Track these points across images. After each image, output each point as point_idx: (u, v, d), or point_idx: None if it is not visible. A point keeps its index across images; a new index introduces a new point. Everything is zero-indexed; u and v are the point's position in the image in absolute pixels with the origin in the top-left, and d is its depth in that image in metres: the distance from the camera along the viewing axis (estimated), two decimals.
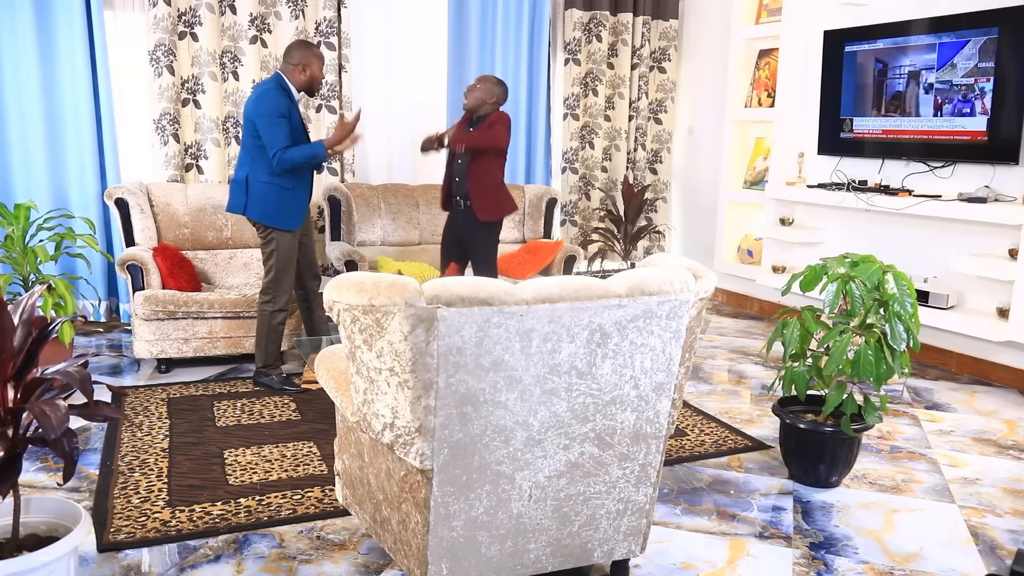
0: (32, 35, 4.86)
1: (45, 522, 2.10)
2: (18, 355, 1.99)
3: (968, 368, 4.70)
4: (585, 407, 2.10)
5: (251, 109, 3.93)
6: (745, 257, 6.26)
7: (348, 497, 2.53)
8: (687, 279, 2.16)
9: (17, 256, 4.32)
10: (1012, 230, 4.34)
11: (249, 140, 3.98)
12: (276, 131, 3.87)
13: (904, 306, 2.92)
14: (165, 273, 4.44)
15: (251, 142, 3.97)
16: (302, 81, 4.00)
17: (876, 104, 5.01)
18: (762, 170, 6.11)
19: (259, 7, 5.33)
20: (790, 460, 3.23)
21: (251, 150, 3.98)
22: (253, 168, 3.99)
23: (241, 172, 4.04)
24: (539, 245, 5.51)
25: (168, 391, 4.09)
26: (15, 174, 4.96)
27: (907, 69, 4.79)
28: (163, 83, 5.11)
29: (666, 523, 2.83)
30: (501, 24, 6.07)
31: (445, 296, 1.87)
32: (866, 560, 2.62)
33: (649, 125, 6.84)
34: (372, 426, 2.12)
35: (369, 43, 5.78)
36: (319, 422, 3.68)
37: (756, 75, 6.14)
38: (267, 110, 3.87)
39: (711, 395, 4.24)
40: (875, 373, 2.90)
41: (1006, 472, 3.33)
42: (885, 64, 4.93)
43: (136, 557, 2.52)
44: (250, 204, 4.02)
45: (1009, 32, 4.23)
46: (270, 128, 3.86)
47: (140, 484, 3.02)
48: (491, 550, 2.14)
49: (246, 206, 4.03)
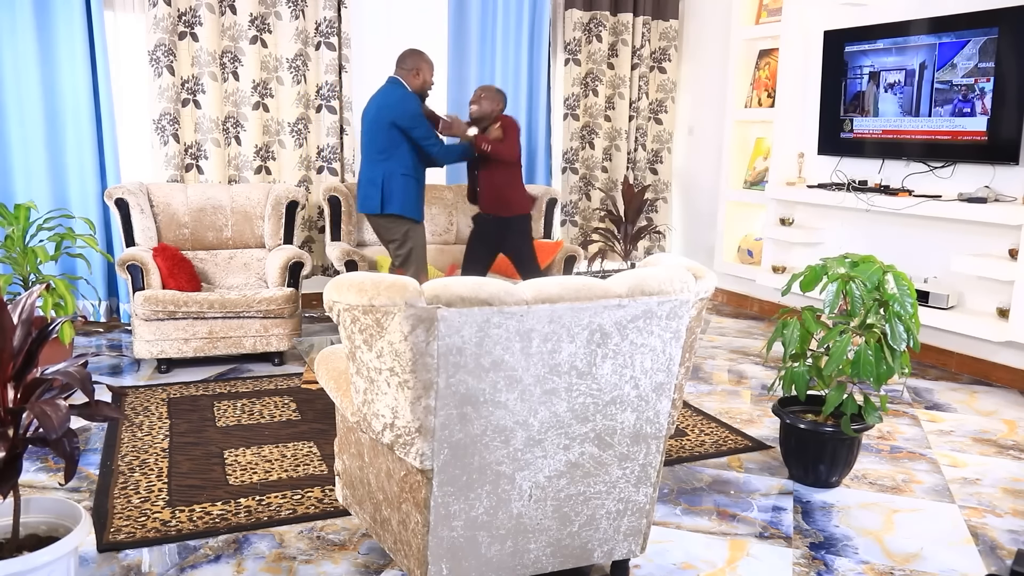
0: (32, 35, 4.86)
1: (45, 522, 2.10)
2: (18, 355, 1.99)
3: (968, 368, 4.70)
4: (585, 407, 2.10)
5: (392, 112, 4.22)
6: (745, 257, 6.26)
7: (348, 497, 2.53)
8: (687, 279, 2.16)
9: (17, 256, 4.32)
10: (1012, 230, 4.34)
11: (384, 141, 4.26)
12: (426, 128, 4.26)
13: (904, 306, 2.92)
14: (165, 273, 4.45)
15: (386, 143, 4.26)
16: (416, 85, 4.33)
17: (876, 104, 5.01)
18: (762, 170, 6.11)
19: (259, 7, 5.33)
20: (790, 460, 3.23)
21: (386, 150, 4.25)
22: (389, 166, 4.26)
23: (375, 172, 4.31)
24: (539, 245, 5.50)
25: (168, 391, 4.09)
26: (15, 174, 4.96)
27: (907, 69, 4.79)
28: (163, 83, 5.11)
29: (666, 523, 2.83)
30: (501, 24, 6.07)
31: (445, 296, 1.87)
32: (866, 560, 2.62)
33: (649, 125, 6.84)
34: (372, 426, 2.12)
35: (369, 43, 5.78)
36: (319, 422, 3.68)
37: (756, 75, 6.14)
38: (412, 110, 4.23)
39: (711, 395, 4.24)
40: (875, 373, 2.90)
41: (1006, 472, 3.33)
42: (885, 64, 4.93)
43: (136, 557, 2.52)
44: (388, 200, 4.29)
45: (1009, 32, 4.23)
46: (420, 126, 4.24)
47: (140, 484, 3.02)
48: (491, 550, 2.14)
49: (383, 203, 4.29)
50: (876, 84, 5.00)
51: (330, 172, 5.64)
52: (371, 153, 4.34)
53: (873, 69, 5.00)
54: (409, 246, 4.39)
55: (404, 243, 4.39)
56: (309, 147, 5.62)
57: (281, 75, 5.46)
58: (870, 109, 5.06)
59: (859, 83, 5.10)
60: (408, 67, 4.32)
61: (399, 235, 4.38)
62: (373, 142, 4.31)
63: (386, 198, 4.30)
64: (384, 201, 4.31)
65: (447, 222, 5.58)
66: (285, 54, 5.42)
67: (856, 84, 5.12)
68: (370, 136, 4.33)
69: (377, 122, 4.27)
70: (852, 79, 5.14)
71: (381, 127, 4.26)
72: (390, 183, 4.28)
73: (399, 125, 4.22)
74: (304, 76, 5.49)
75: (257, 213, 5.03)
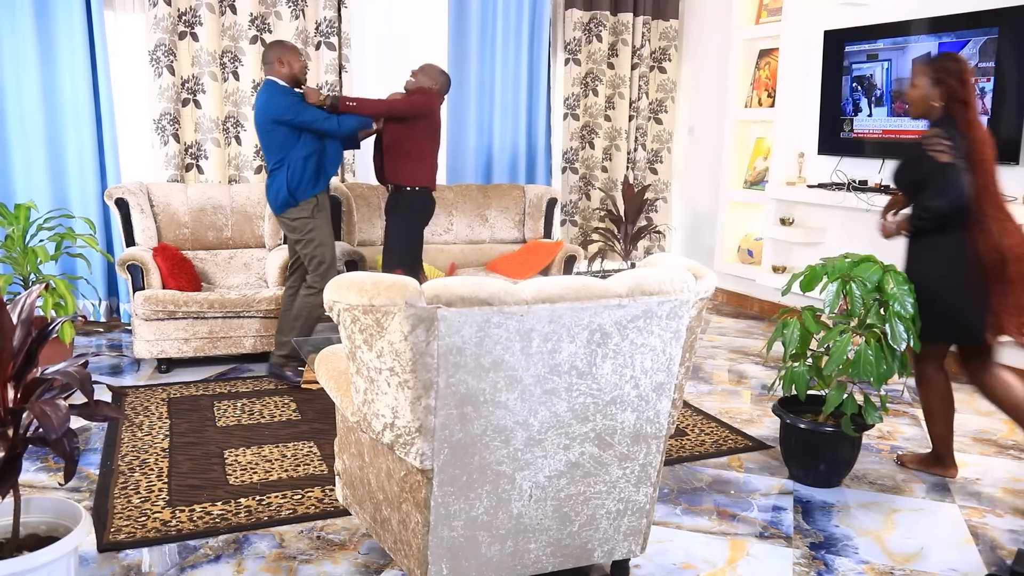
0: (32, 35, 4.86)
1: (45, 522, 2.10)
2: (18, 355, 1.99)
3: None
4: (585, 407, 2.10)
5: (269, 110, 4.02)
6: (745, 257, 6.26)
7: (348, 497, 2.53)
8: (687, 279, 2.16)
9: (17, 256, 4.32)
10: None
11: (278, 141, 4.08)
12: (308, 111, 4.04)
13: (904, 306, 2.92)
14: (165, 273, 4.44)
15: (281, 142, 4.07)
16: (286, 75, 4.11)
17: (876, 104, 5.01)
18: (762, 170, 6.11)
19: (259, 7, 5.33)
20: (790, 460, 3.23)
21: (283, 149, 4.09)
22: (290, 159, 4.10)
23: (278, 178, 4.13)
24: (539, 245, 5.51)
25: (168, 391, 4.09)
26: (15, 174, 4.96)
27: (907, 69, 4.79)
28: (163, 83, 5.11)
29: (666, 523, 2.83)
30: (501, 24, 6.07)
31: (445, 296, 1.87)
32: (866, 560, 2.62)
33: (649, 125, 6.84)
34: (372, 426, 2.12)
35: (369, 43, 5.78)
36: (319, 422, 3.68)
37: (756, 75, 6.14)
38: (287, 101, 4.02)
39: (711, 395, 4.24)
40: (875, 373, 2.90)
41: (1006, 472, 3.33)
42: (885, 64, 4.93)
43: (136, 557, 2.52)
44: (295, 191, 4.13)
45: (1009, 32, 4.23)
46: (301, 112, 4.02)
47: (140, 484, 3.02)
48: (491, 550, 2.14)
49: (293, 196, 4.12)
50: (876, 84, 5.00)
51: None
52: (270, 159, 4.14)
53: (873, 69, 5.00)
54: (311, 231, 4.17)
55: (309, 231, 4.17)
56: None
57: None
58: (870, 109, 5.06)
59: (859, 83, 5.10)
60: (270, 60, 4.11)
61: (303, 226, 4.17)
62: (268, 147, 4.13)
63: (292, 190, 4.10)
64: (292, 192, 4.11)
65: (447, 222, 5.58)
66: None
67: (856, 84, 5.12)
68: (263, 143, 4.16)
69: (262, 127, 4.10)
70: (852, 79, 5.14)
71: (266, 130, 4.08)
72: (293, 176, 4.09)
73: (282, 120, 4.01)
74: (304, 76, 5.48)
75: (257, 213, 5.03)
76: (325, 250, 4.18)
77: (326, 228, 4.24)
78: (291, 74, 4.13)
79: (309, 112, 4.04)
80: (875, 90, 4.96)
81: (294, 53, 4.15)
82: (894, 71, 4.84)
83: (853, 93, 5.11)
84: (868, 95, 5.03)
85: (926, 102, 3.09)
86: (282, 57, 4.10)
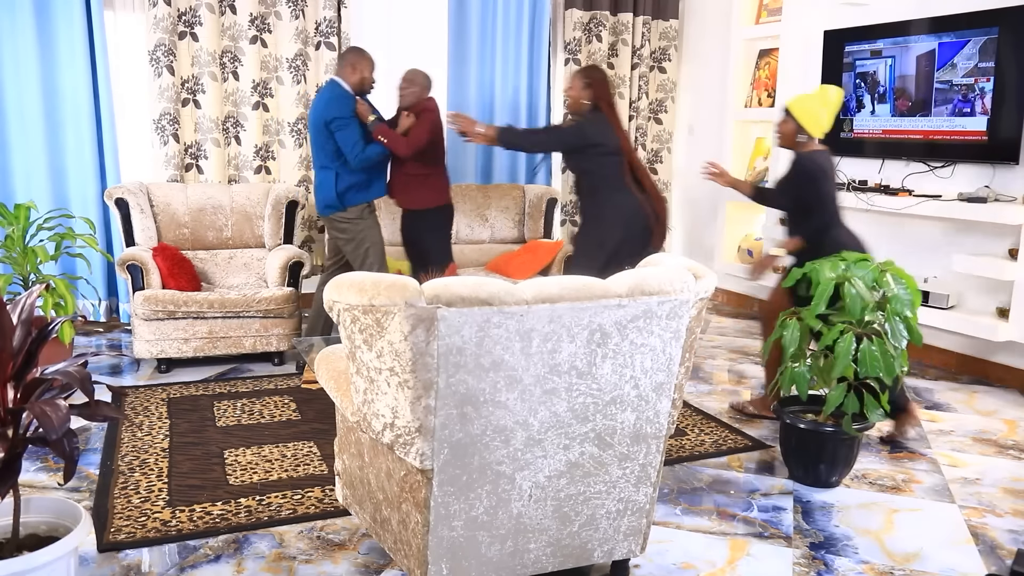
0: (32, 35, 4.86)
1: (45, 522, 2.10)
2: (18, 355, 1.99)
3: (968, 368, 4.70)
4: (585, 407, 2.10)
5: (322, 113, 4.16)
6: (745, 257, 6.26)
7: (348, 497, 2.53)
8: (687, 279, 2.16)
9: (17, 256, 4.32)
10: (1012, 230, 4.34)
11: (328, 144, 4.21)
12: (351, 133, 4.17)
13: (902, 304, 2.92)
14: (165, 273, 4.44)
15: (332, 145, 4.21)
16: (354, 81, 4.23)
17: (876, 104, 5.01)
18: (762, 170, 6.11)
19: (259, 7, 5.33)
20: (790, 460, 3.23)
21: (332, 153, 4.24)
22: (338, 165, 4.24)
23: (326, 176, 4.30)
24: (539, 245, 5.51)
25: (168, 391, 4.09)
26: (15, 174, 4.96)
27: (907, 69, 4.79)
28: (163, 83, 5.11)
29: (666, 523, 2.83)
30: (501, 24, 6.06)
31: (445, 296, 1.87)
32: (866, 560, 2.62)
33: (649, 125, 6.84)
34: (372, 426, 2.12)
35: (369, 43, 5.77)
36: (319, 422, 3.68)
37: (756, 75, 6.14)
38: (337, 112, 4.14)
39: (711, 395, 4.24)
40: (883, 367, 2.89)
41: (1006, 472, 3.33)
42: (885, 64, 4.92)
43: (136, 557, 2.52)
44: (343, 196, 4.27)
45: (1009, 32, 4.23)
46: (344, 128, 4.15)
47: (140, 484, 3.02)
48: (491, 550, 2.14)
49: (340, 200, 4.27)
50: (876, 84, 5.00)
51: None
52: (319, 159, 4.30)
53: (873, 69, 5.00)
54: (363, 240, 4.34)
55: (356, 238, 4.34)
56: (309, 147, 5.62)
57: (281, 75, 5.45)
58: (870, 109, 5.05)
59: (859, 83, 5.10)
60: (344, 63, 4.26)
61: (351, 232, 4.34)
62: (318, 147, 4.27)
63: (340, 195, 4.26)
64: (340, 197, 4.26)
65: None
66: (285, 54, 5.42)
67: (856, 84, 5.12)
68: (313, 142, 4.29)
69: (315, 126, 4.22)
70: (852, 79, 5.14)
71: (319, 130, 4.21)
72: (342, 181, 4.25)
73: (329, 125, 4.16)
74: (304, 76, 5.48)
75: (257, 213, 5.03)
76: (374, 250, 4.32)
77: (375, 230, 4.37)
78: (359, 82, 4.25)
79: (346, 135, 4.14)
80: (878, 86, 4.95)
81: (369, 64, 4.27)
82: (898, 68, 4.83)
83: (856, 90, 5.10)
84: (872, 91, 5.01)
85: (580, 101, 4.07)
86: (356, 64, 4.23)
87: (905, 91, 4.82)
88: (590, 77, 4.08)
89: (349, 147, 4.15)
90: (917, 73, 4.73)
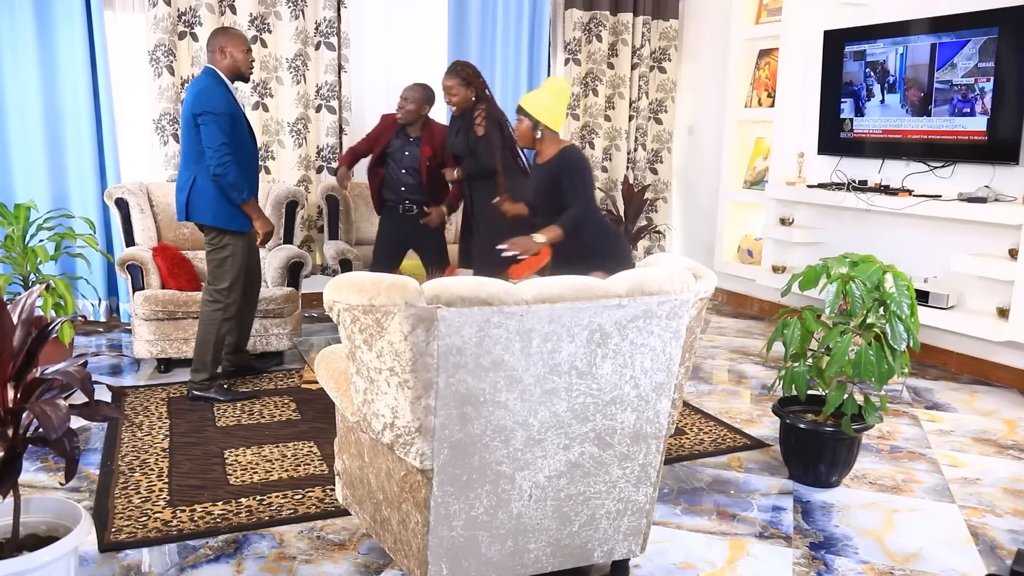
0: (32, 35, 4.86)
1: (45, 522, 2.10)
2: (18, 355, 1.99)
3: (968, 368, 4.70)
4: (585, 407, 2.10)
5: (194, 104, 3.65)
6: (745, 257, 6.26)
7: (348, 497, 2.53)
8: (687, 279, 2.16)
9: (17, 256, 4.32)
10: (1012, 230, 4.33)
11: (193, 138, 3.69)
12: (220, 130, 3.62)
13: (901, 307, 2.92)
14: (165, 273, 4.44)
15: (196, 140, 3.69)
16: (227, 67, 3.75)
17: (876, 104, 5.01)
18: (762, 170, 6.11)
19: (259, 7, 5.33)
20: (790, 460, 3.23)
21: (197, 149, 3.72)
22: (199, 168, 3.73)
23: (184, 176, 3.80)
24: None
25: (168, 391, 4.09)
26: (15, 174, 4.96)
27: (907, 69, 4.79)
28: (163, 83, 5.11)
29: (666, 523, 2.83)
30: (501, 24, 6.06)
31: (445, 296, 1.87)
32: (866, 560, 2.62)
33: (649, 125, 6.84)
34: (372, 426, 2.12)
35: (369, 43, 5.78)
36: (319, 422, 3.68)
37: (756, 75, 6.14)
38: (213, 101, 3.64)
39: (711, 395, 4.24)
40: (877, 372, 2.90)
41: (1006, 472, 3.33)
42: (885, 64, 4.92)
43: (136, 557, 2.52)
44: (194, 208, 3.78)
45: (1009, 32, 4.23)
46: (211, 123, 3.62)
47: (140, 484, 3.02)
48: (491, 550, 2.14)
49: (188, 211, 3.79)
50: (876, 84, 5.00)
51: (329, 172, 5.64)
52: (185, 155, 3.77)
53: (873, 69, 5.00)
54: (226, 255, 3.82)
55: (222, 250, 3.82)
56: (309, 147, 5.62)
57: (281, 75, 5.45)
58: (870, 109, 5.05)
59: (859, 83, 5.10)
60: (212, 49, 3.73)
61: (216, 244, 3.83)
62: (185, 143, 3.74)
63: (192, 205, 3.73)
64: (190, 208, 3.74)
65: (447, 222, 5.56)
66: (285, 54, 5.42)
67: (856, 84, 5.12)
68: (183, 137, 3.77)
69: (184, 120, 3.70)
70: (852, 79, 5.14)
71: (188, 125, 3.68)
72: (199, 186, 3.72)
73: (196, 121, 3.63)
74: (304, 76, 5.48)
75: None
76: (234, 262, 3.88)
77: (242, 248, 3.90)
78: (232, 66, 3.75)
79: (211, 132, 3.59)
80: (888, 76, 4.91)
81: (238, 43, 3.75)
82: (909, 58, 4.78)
83: (867, 79, 5.04)
84: (881, 81, 4.97)
85: (467, 100, 4.32)
86: (225, 46, 3.72)
87: (905, 91, 4.81)
88: (462, 74, 4.24)
89: (214, 147, 3.58)
90: (917, 73, 4.73)
